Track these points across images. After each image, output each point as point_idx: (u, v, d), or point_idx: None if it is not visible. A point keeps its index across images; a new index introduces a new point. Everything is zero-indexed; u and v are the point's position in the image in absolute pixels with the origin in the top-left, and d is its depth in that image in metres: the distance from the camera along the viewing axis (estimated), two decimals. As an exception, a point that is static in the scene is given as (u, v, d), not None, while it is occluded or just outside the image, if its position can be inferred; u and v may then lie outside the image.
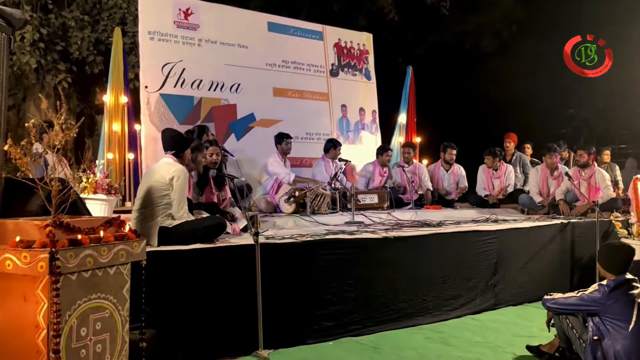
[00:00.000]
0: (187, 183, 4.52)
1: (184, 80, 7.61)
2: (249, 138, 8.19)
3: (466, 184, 8.77)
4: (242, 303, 4.16)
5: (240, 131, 8.17)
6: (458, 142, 9.01)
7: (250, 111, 8.26)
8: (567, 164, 9.14)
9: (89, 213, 3.99)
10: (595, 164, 7.61)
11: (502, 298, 5.87)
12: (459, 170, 8.80)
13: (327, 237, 4.95)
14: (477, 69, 14.48)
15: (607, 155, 9.24)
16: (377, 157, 8.44)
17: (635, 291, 3.66)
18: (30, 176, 3.00)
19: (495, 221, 6.69)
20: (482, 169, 8.57)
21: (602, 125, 15.33)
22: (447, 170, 8.86)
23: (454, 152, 8.79)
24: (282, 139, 7.25)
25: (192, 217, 4.49)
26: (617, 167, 9.21)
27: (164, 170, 4.43)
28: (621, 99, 12.87)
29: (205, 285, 4.09)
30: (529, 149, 9.59)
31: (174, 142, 4.63)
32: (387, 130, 10.29)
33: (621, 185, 8.91)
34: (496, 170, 8.32)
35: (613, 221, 6.74)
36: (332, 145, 7.80)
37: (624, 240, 6.04)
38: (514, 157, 9.16)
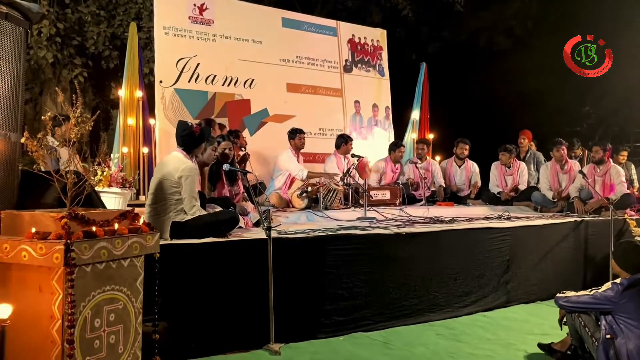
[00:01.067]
0: (197, 179, 4.49)
1: (198, 75, 7.66)
2: (263, 133, 8.20)
3: (479, 181, 8.67)
4: (254, 297, 4.15)
5: (253, 126, 8.21)
6: (471, 138, 8.92)
7: (263, 106, 8.26)
8: (581, 162, 9.01)
9: (103, 206, 4.01)
10: (611, 161, 7.50)
11: (514, 295, 5.81)
12: (472, 166, 8.74)
13: (339, 232, 4.90)
14: (491, 66, 14.36)
15: (623, 157, 9.09)
16: (389, 154, 8.44)
17: (650, 290, 3.58)
18: (44, 169, 3.01)
19: (508, 218, 6.61)
20: (494, 166, 8.46)
21: (618, 124, 15.16)
22: (459, 166, 8.79)
23: (467, 147, 8.69)
24: (295, 134, 7.25)
25: (202, 211, 4.48)
26: (633, 166, 9.08)
27: (172, 166, 4.40)
28: (638, 97, 12.69)
29: (218, 279, 4.08)
30: (532, 146, 9.48)
31: (182, 140, 4.62)
32: (400, 127, 10.24)
33: (636, 184, 8.78)
34: (509, 167, 8.21)
35: (627, 219, 6.63)
36: (343, 141, 7.77)
37: (638, 238, 5.95)
38: (528, 155, 9.09)
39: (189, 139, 4.58)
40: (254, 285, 4.16)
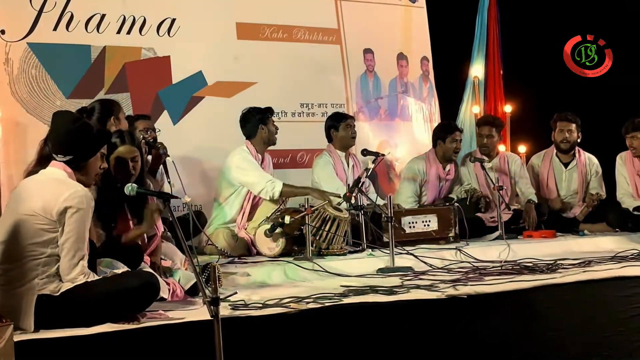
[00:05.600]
0: (90, 219, 3.38)
1: (71, 17, 5.96)
2: (196, 119, 6.42)
3: (601, 190, 6.68)
4: None
5: (178, 107, 6.36)
6: (586, 115, 6.87)
7: (195, 68, 6.42)
8: None
9: None
10: None
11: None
12: (589, 164, 6.78)
13: (346, 300, 3.96)
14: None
15: None
16: (434, 146, 6.65)
17: None
18: None
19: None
20: (622, 161, 6.60)
21: None
22: (565, 164, 6.74)
23: (572, 127, 6.56)
24: (263, 118, 5.64)
25: (94, 276, 3.49)
26: None
27: (48, 191, 3.42)
28: None
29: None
30: None
31: (71, 140, 3.44)
32: (450, 95, 8.28)
33: None
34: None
35: None
36: (333, 125, 6.11)
37: None
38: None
39: (84, 134, 3.46)
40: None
